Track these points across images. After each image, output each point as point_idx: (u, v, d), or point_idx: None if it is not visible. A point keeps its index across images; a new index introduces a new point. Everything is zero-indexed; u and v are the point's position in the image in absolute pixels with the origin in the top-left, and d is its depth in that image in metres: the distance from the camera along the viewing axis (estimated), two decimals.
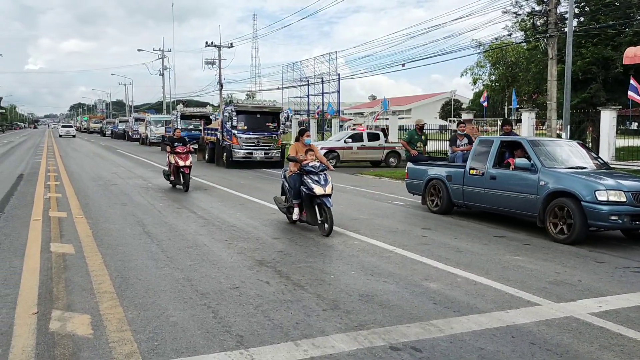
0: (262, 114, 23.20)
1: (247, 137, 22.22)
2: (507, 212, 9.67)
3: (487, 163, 9.91)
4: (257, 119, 22.82)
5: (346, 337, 4.40)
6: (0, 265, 6.43)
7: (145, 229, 8.79)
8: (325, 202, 8.43)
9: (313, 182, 8.56)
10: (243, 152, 22.10)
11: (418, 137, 13.62)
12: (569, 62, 17.66)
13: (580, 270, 6.74)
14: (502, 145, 10.00)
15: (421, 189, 11.55)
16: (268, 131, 22.87)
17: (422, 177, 11.57)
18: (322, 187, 8.50)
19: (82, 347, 4.11)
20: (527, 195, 8.96)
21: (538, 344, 4.36)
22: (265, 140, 22.70)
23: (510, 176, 9.40)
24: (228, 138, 22.54)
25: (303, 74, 45.84)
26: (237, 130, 22.15)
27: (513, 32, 26.61)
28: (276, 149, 22.91)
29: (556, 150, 9.72)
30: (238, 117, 22.34)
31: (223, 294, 5.46)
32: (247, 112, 22.88)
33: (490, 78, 48.70)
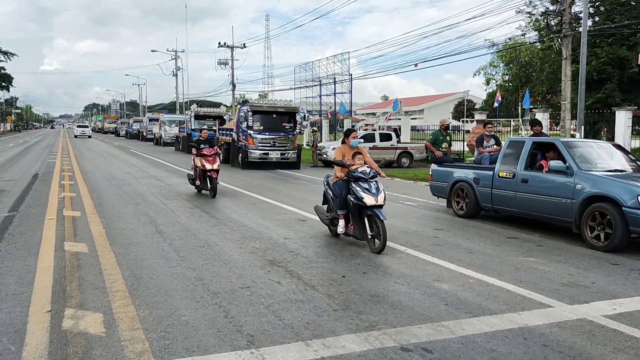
0: (278, 114, 23.02)
1: (262, 137, 21.96)
2: (540, 217, 9.23)
3: (518, 165, 9.49)
4: (273, 119, 22.58)
5: (357, 337, 4.39)
6: (15, 264, 6.51)
7: (157, 228, 8.84)
8: (377, 214, 7.32)
9: (363, 191, 7.47)
10: (259, 152, 21.86)
11: (443, 138, 13.05)
12: (583, 62, 17.51)
13: (594, 272, 6.67)
14: (533, 147, 9.58)
15: (446, 192, 11.16)
16: (284, 131, 22.60)
17: (447, 180, 11.17)
18: (374, 197, 7.42)
19: (95, 345, 4.14)
20: (561, 200, 8.54)
21: (551, 346, 4.33)
22: (282, 140, 22.42)
23: (543, 179, 8.97)
24: (243, 138, 22.33)
25: (315, 74, 45.83)
26: (252, 130, 21.93)
27: (527, 32, 26.45)
28: (292, 150, 22.64)
29: (592, 152, 9.26)
30: (254, 117, 22.12)
31: (234, 294, 5.47)
32: (263, 112, 22.69)
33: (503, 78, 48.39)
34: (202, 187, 13.27)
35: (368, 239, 7.54)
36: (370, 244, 7.51)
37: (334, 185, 8.11)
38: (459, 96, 79.39)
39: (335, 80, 41.86)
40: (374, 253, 7.29)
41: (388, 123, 39.29)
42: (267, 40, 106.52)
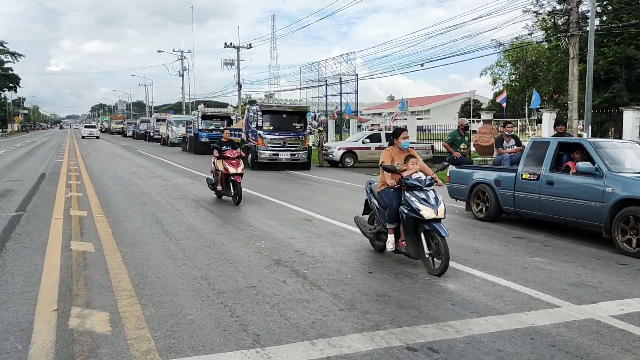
0: (288, 113, 22.68)
1: (272, 137, 21.64)
2: (567, 220, 8.84)
3: (542, 167, 9.06)
4: (283, 119, 22.25)
5: (362, 337, 4.38)
6: (22, 263, 6.53)
7: (163, 228, 8.86)
8: (437, 230, 6.26)
9: (419, 201, 6.39)
10: (268, 153, 21.53)
11: (461, 138, 12.39)
12: (590, 61, 17.42)
13: (602, 272, 6.63)
14: (558, 147, 9.15)
15: (465, 195, 10.73)
16: (294, 132, 22.27)
17: (466, 182, 10.73)
18: (432, 209, 6.34)
19: (101, 344, 4.15)
20: (590, 203, 8.11)
21: (558, 346, 4.30)
22: (292, 141, 22.07)
23: (570, 181, 8.55)
24: (253, 139, 22.00)
25: (321, 74, 45.84)
26: (262, 130, 21.63)
27: (533, 31, 26.36)
28: (303, 150, 22.27)
29: (619, 152, 8.78)
30: (263, 117, 21.82)
31: (240, 293, 5.47)
32: (272, 111, 22.38)
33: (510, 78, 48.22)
34: (224, 192, 12.25)
35: (425, 258, 6.49)
36: (427, 263, 6.48)
37: (381, 194, 7.00)
38: (466, 96, 79.15)
39: (341, 80, 41.86)
40: (433, 275, 6.27)
41: (394, 123, 39.24)
42: (273, 40, 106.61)
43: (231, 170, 11.75)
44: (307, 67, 48.65)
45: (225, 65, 50.78)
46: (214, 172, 12.69)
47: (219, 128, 32.17)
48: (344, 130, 37.81)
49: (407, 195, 6.52)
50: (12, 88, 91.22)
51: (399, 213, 6.65)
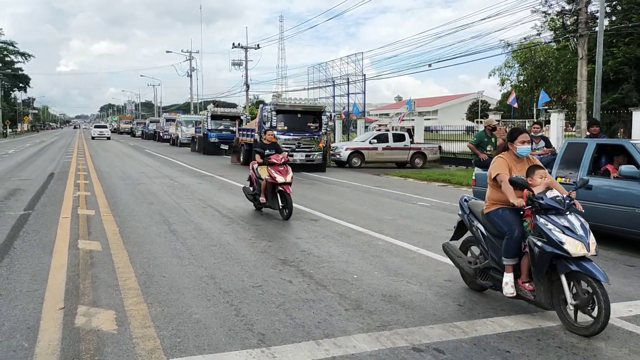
0: (303, 113, 21.82)
1: (286, 138, 20.87)
2: (607, 228, 8.07)
3: (579, 170, 8.41)
4: (298, 119, 21.55)
5: (368, 337, 4.37)
6: (30, 261, 6.57)
7: (170, 227, 8.88)
8: (590, 272, 4.46)
9: (561, 231, 4.59)
10: None
11: (488, 140, 11.70)
12: (599, 61, 17.31)
13: (610, 274, 6.54)
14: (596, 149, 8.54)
15: None
16: (309, 132, 21.59)
17: None
18: (582, 242, 4.54)
19: (107, 342, 4.16)
20: (635, 210, 7.55)
21: (565, 347, 4.27)
22: (306, 141, 21.42)
23: (612, 186, 8.00)
24: None
25: (329, 74, 45.91)
26: (276, 131, 20.58)
27: (542, 31, 26.23)
28: (318, 151, 21.56)
29: None
30: (278, 116, 21.14)
31: (246, 292, 5.48)
32: (287, 111, 21.54)
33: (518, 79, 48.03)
34: (268, 204, 10.31)
35: (564, 310, 4.68)
36: (567, 317, 4.67)
37: (494, 217, 5.20)
38: (474, 97, 79.01)
39: (348, 81, 41.87)
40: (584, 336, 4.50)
41: (401, 124, 39.19)
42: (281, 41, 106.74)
43: (279, 179, 9.87)
44: (315, 67, 48.80)
45: (233, 65, 51.03)
46: (254, 180, 10.93)
47: (229, 128, 31.95)
48: (351, 130, 37.78)
49: (542, 221, 4.73)
50: (22, 88, 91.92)
51: (531, 246, 4.77)
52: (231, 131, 31.37)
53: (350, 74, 42.49)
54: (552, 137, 22.21)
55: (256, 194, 10.70)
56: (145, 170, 20.20)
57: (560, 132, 22.04)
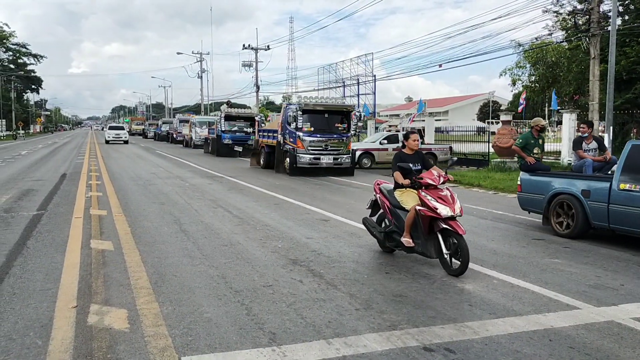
0: (331, 113, 20.09)
1: (313, 139, 19.37)
2: None
3: None
4: (325, 119, 19.90)
5: (379, 336, 4.37)
6: (43, 261, 6.63)
7: (181, 227, 8.92)
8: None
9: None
10: (308, 157, 19.23)
11: (535, 141, 10.37)
12: (612, 61, 17.17)
13: (623, 275, 6.53)
14: None
15: (542, 207, 9.23)
16: (337, 133, 19.96)
17: (543, 192, 9.23)
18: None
19: (119, 341, 4.19)
20: None
21: (577, 348, 4.24)
22: (334, 143, 19.77)
23: None
24: (291, 141, 19.65)
25: (339, 75, 45.90)
26: (302, 132, 19.31)
27: (554, 31, 26.06)
28: (346, 154, 19.99)
29: None
30: (304, 116, 19.41)
31: (257, 292, 5.49)
32: (314, 111, 19.71)
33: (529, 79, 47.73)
34: (419, 249, 6.60)
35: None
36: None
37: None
38: (484, 97, 78.69)
39: (358, 82, 41.86)
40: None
41: (412, 124, 39.11)
42: (291, 42, 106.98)
43: (443, 211, 6.26)
44: (325, 68, 48.80)
45: (243, 66, 51.14)
46: (386, 208, 7.17)
47: (243, 129, 31.10)
48: (362, 131, 37.73)
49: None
50: (34, 90, 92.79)
51: None
52: (245, 132, 30.86)
53: (360, 75, 42.47)
54: (564, 137, 22.09)
55: (392, 232, 7.07)
56: (156, 171, 20.31)
57: (572, 132, 21.87)
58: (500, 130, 22.72)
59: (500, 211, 11.53)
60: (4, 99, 76.80)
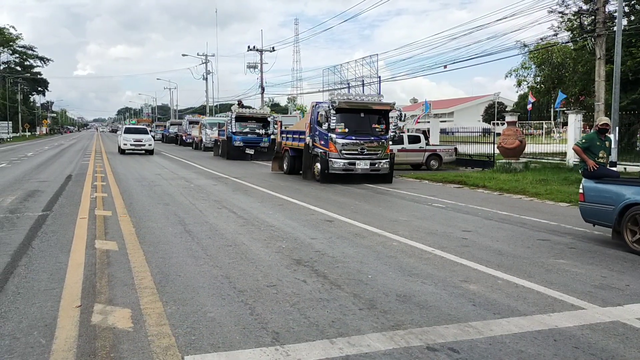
0: (368, 112, 17.75)
1: (347, 142, 17.07)
2: None
3: None
4: (361, 119, 17.60)
5: (382, 336, 4.35)
6: (47, 261, 6.65)
7: (186, 227, 8.93)
8: None
9: None
10: (342, 162, 16.96)
11: (601, 144, 9.00)
12: (618, 61, 17.09)
13: (629, 275, 6.49)
14: None
15: (612, 219, 8.01)
16: (375, 135, 17.58)
17: (613, 202, 8.04)
18: None
19: (122, 340, 4.20)
20: None
21: (582, 348, 4.22)
22: (372, 146, 17.35)
23: None
24: (322, 144, 17.42)
25: (344, 77, 45.83)
26: (335, 134, 17.07)
27: (559, 32, 25.96)
28: (384, 158, 17.54)
29: None
30: (337, 116, 17.16)
31: (260, 292, 5.49)
32: (349, 109, 17.46)
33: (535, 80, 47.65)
34: None
35: None
36: None
37: None
38: (490, 98, 78.52)
39: (363, 83, 41.79)
40: None
41: (417, 125, 39.05)
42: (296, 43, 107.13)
43: None
44: (330, 69, 48.74)
45: (248, 68, 51.20)
46: None
47: (255, 131, 29.77)
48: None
49: None
50: (40, 92, 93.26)
51: None
52: (257, 134, 29.76)
53: (365, 76, 42.42)
54: (570, 138, 22.01)
55: None
56: (161, 172, 20.35)
57: (577, 133, 21.80)
58: (505, 131, 22.66)
59: (505, 212, 11.49)
60: (11, 101, 77.20)
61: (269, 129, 30.03)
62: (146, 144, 32.89)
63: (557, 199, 13.41)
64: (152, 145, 33.34)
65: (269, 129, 30.01)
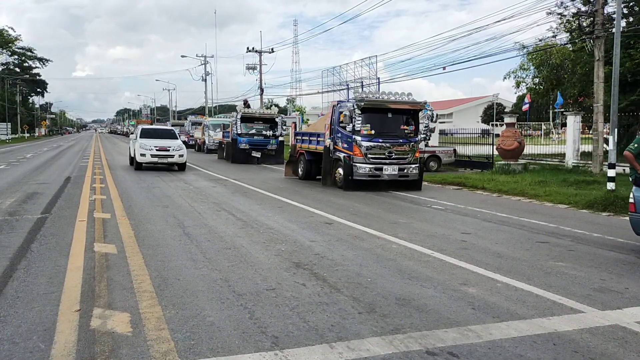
0: (396, 112, 16.26)
1: (373, 145, 15.56)
2: None
3: None
4: (389, 120, 16.17)
5: (382, 340, 4.35)
6: (46, 264, 6.64)
7: (185, 230, 8.93)
8: None
9: None
10: (368, 167, 15.52)
11: None
12: (616, 63, 17.08)
13: (628, 278, 6.49)
14: None
15: None
16: (403, 137, 16.11)
17: None
18: None
19: (121, 344, 4.19)
20: None
21: (581, 352, 4.22)
22: (400, 150, 15.87)
23: None
24: (345, 147, 15.94)
25: (343, 78, 45.82)
26: (360, 136, 15.56)
27: (558, 33, 25.99)
28: (414, 163, 16.06)
29: None
30: (362, 116, 15.65)
31: (259, 295, 5.48)
32: (375, 109, 16.01)
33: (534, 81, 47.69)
34: None
35: None
36: None
37: None
38: (489, 100, 78.59)
39: (362, 84, 41.78)
40: None
41: None
42: (295, 44, 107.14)
43: None
44: (329, 71, 48.72)
45: (247, 69, 51.10)
46: None
47: (261, 132, 28.26)
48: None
49: None
50: (39, 93, 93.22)
51: None
52: (264, 136, 28.21)
53: (364, 77, 42.41)
54: (569, 139, 22.03)
55: None
56: (160, 174, 20.32)
57: (576, 134, 21.83)
58: (504, 132, 22.66)
59: (504, 214, 11.50)
60: (10, 103, 77.14)
61: (277, 131, 28.64)
62: (175, 154, 21.45)
63: (556, 201, 13.43)
64: (184, 157, 21.78)
65: (277, 130, 28.63)
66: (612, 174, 13.51)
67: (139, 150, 21.20)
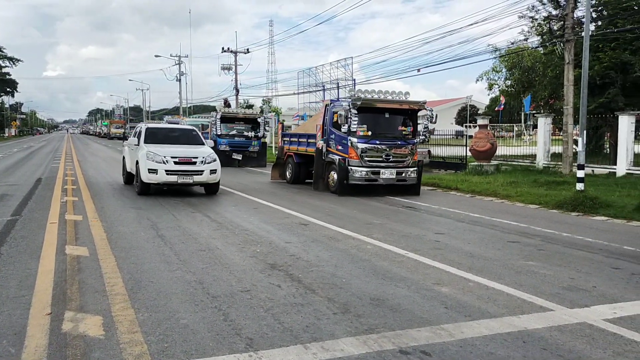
0: (394, 112, 15.45)
1: (370, 147, 14.79)
2: None
3: None
4: (386, 121, 15.35)
5: (356, 340, 4.39)
6: (16, 267, 6.52)
7: (158, 232, 8.85)
8: None
9: None
10: (365, 171, 14.68)
11: None
12: (585, 66, 17.46)
13: (595, 276, 6.65)
14: None
15: None
16: (401, 138, 15.39)
17: None
18: None
19: (93, 348, 4.15)
20: None
21: (550, 349, 4.31)
22: (398, 152, 15.10)
23: None
24: (340, 149, 15.12)
25: (319, 79, 45.90)
26: (356, 137, 14.74)
27: (529, 36, 26.43)
28: (412, 167, 15.26)
29: None
30: (358, 116, 14.66)
31: (234, 297, 5.48)
32: (373, 109, 15.05)
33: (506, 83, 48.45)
34: None
35: None
36: None
37: None
38: (462, 101, 79.46)
39: (338, 85, 41.93)
40: None
41: None
42: (271, 45, 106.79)
43: None
44: (305, 72, 48.76)
45: (222, 70, 50.75)
46: None
47: (243, 133, 27.20)
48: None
49: None
50: (9, 93, 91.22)
51: None
52: (246, 137, 27.19)
53: (340, 79, 42.55)
54: (539, 141, 22.42)
55: None
56: None
57: (547, 136, 22.24)
58: (477, 134, 22.97)
59: (477, 214, 11.67)
60: None
61: (259, 131, 27.70)
62: (205, 170, 13.69)
63: (527, 201, 13.67)
64: (217, 173, 13.99)
65: (259, 131, 27.67)
66: (582, 174, 13.80)
67: (147, 164, 13.39)
